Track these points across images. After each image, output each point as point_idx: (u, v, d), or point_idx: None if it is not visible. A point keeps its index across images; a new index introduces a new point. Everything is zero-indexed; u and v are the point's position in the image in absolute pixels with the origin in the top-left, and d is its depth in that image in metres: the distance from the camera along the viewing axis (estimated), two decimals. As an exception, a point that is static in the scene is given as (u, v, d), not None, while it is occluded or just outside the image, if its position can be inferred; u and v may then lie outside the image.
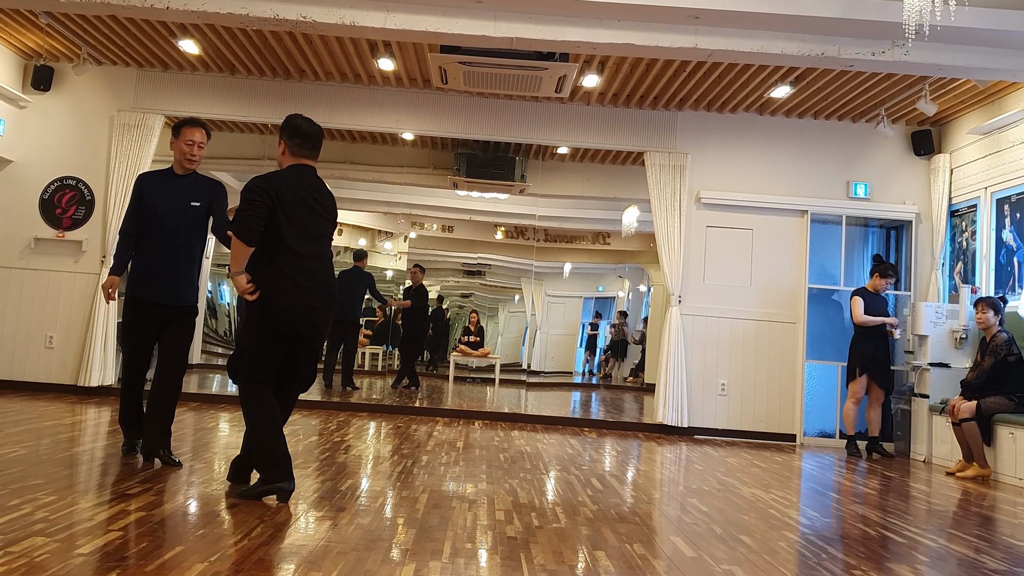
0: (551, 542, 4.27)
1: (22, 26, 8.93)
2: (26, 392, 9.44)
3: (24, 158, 10.01)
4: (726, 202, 10.14)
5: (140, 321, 5.74)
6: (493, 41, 7.43)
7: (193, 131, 5.78)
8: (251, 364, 4.89)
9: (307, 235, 4.91)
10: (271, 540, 3.95)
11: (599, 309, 24.14)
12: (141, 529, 3.97)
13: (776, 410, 9.93)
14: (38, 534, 3.74)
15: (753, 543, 4.57)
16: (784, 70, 8.73)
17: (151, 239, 5.70)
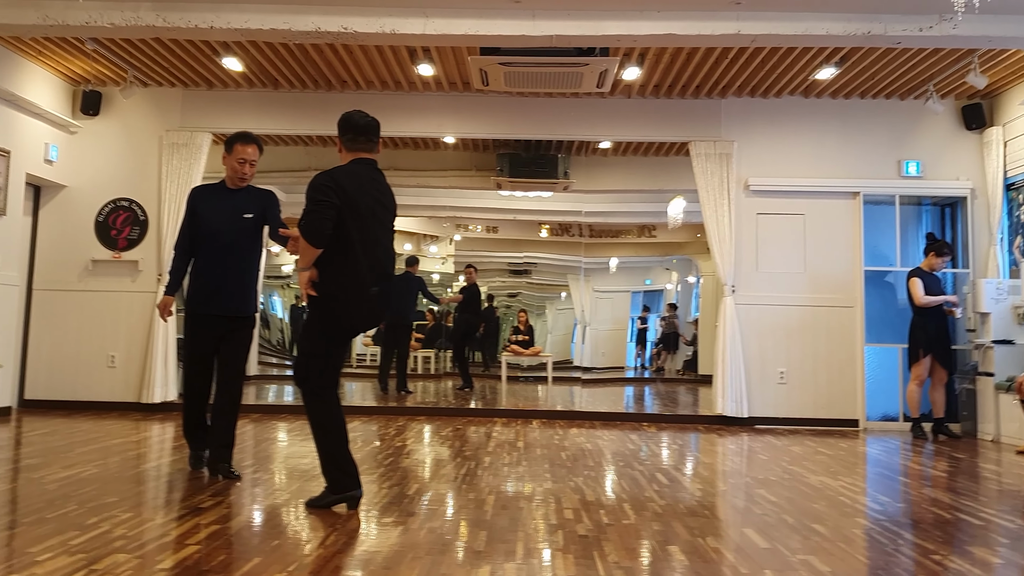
0: (623, 539, 4.26)
1: (69, 53, 9.06)
2: (91, 411, 9.58)
3: (78, 182, 10.16)
4: (775, 188, 10.03)
5: (199, 334, 5.78)
6: (533, 40, 7.42)
7: (245, 148, 5.84)
8: (322, 367, 4.87)
9: (373, 231, 4.86)
10: (345, 548, 3.97)
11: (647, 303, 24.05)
12: (217, 542, 4.00)
13: (837, 396, 9.82)
14: (119, 551, 3.79)
15: (827, 531, 4.53)
16: (829, 51, 8.63)
17: (206, 253, 5.75)
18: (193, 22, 7.15)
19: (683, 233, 17.23)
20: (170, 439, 7.63)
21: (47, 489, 5.19)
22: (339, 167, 4.91)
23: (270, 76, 9.78)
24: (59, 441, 7.26)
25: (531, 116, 10.29)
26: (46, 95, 9.60)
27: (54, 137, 9.90)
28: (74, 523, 4.30)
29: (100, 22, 7.15)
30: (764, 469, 6.65)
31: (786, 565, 3.84)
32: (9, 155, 9.03)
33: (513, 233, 18.28)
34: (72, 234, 10.10)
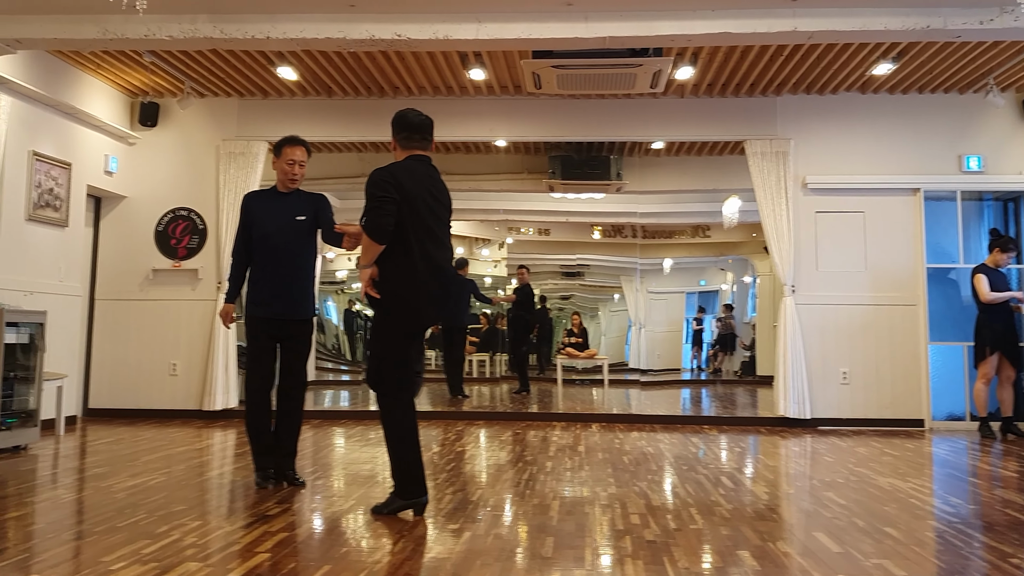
0: (692, 544, 4.23)
1: (127, 66, 9.19)
2: (154, 419, 9.71)
3: (137, 193, 10.31)
4: (834, 186, 9.91)
5: (260, 338, 5.79)
6: (586, 42, 7.39)
7: (294, 150, 5.87)
8: (392, 368, 4.84)
9: (432, 226, 4.87)
10: (413, 554, 3.98)
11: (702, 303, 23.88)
12: (286, 550, 4.03)
13: (902, 396, 9.67)
14: (190, 559, 3.83)
15: (899, 535, 4.46)
16: (886, 46, 8.52)
17: (262, 257, 5.78)
18: (250, 33, 7.21)
19: (738, 233, 17.10)
20: (232, 446, 7.71)
21: (116, 498, 5.26)
22: (396, 163, 4.94)
23: (324, 84, 9.86)
24: (125, 449, 7.37)
25: (583, 118, 10.27)
26: (105, 107, 9.75)
27: (113, 149, 10.05)
28: (145, 532, 4.35)
29: (159, 35, 7.23)
30: (830, 471, 6.57)
31: (860, 570, 3.79)
32: (70, 167, 9.18)
33: (565, 235, 18.25)
34: (132, 244, 10.25)
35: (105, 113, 9.71)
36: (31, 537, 4.24)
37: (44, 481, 5.88)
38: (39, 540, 4.17)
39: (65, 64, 8.96)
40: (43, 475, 6.12)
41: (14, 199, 8.34)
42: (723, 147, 11.58)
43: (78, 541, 4.16)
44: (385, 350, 4.88)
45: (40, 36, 7.25)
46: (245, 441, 7.97)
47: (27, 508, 4.96)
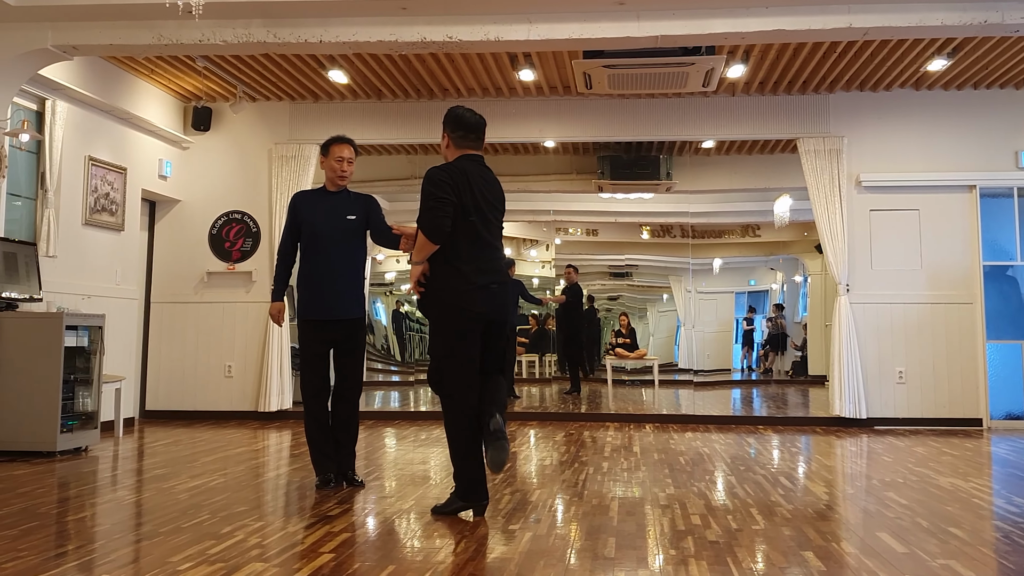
0: (755, 544, 4.21)
1: (181, 71, 9.32)
2: (211, 421, 9.85)
3: (191, 196, 10.45)
4: (888, 184, 9.82)
5: (313, 341, 5.79)
6: (637, 42, 7.37)
7: (341, 148, 5.91)
8: (450, 368, 4.85)
9: (484, 227, 4.90)
10: (476, 555, 4.00)
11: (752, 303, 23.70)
12: (350, 550, 4.07)
13: (959, 395, 9.58)
14: (256, 560, 3.88)
15: (964, 535, 4.42)
16: (941, 42, 8.43)
17: (312, 257, 5.78)
18: (303, 37, 7.28)
19: (789, 232, 16.97)
20: (288, 447, 7.79)
21: (179, 499, 5.33)
22: (451, 163, 4.97)
23: (374, 87, 9.93)
24: (183, 451, 7.47)
25: (632, 118, 10.26)
26: (159, 112, 9.89)
27: (167, 153, 10.19)
28: (209, 532, 4.42)
29: (213, 40, 7.31)
30: (889, 471, 6.52)
31: (927, 570, 3.76)
32: (126, 172, 9.33)
33: (613, 236, 18.22)
34: (187, 247, 10.39)
35: (159, 118, 9.85)
36: (98, 538, 4.31)
37: (106, 482, 5.98)
38: (106, 540, 4.24)
39: (119, 70, 9.10)
40: (104, 476, 6.22)
41: (71, 204, 8.49)
42: (775, 145, 11.49)
43: (145, 542, 4.22)
44: (440, 349, 4.91)
45: (96, 42, 7.35)
46: (301, 442, 8.06)
47: (92, 509, 5.04)
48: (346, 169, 5.90)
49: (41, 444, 7.09)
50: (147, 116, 9.56)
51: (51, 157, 8.10)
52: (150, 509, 5.03)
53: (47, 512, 4.92)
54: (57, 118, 8.17)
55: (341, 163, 5.88)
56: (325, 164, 5.96)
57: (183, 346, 10.26)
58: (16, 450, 7.12)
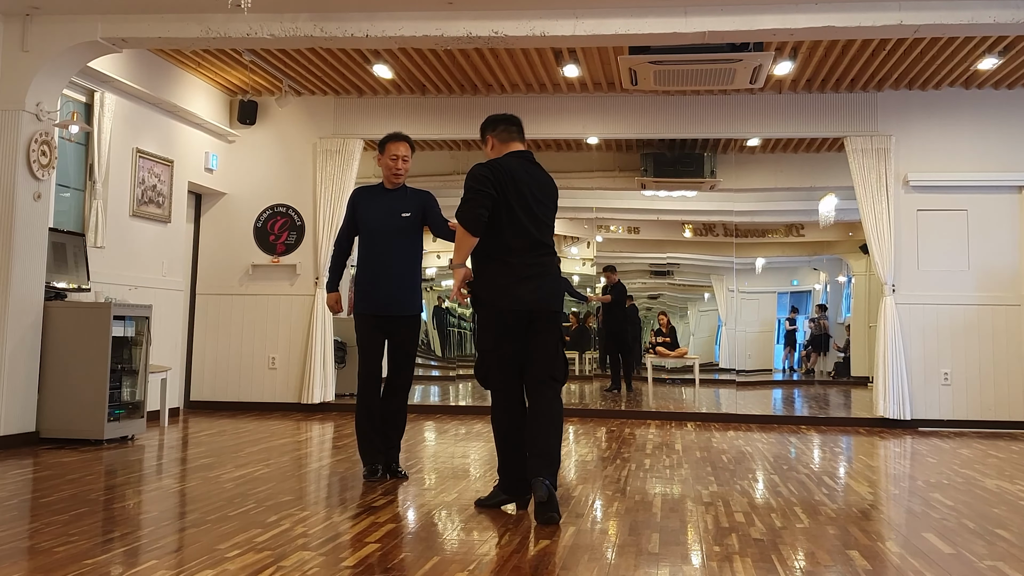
0: (799, 542, 4.21)
1: (227, 65, 9.41)
2: (254, 412, 9.95)
3: (236, 190, 10.56)
4: (936, 183, 9.73)
5: (369, 335, 5.84)
6: (684, 37, 7.35)
7: (397, 145, 5.97)
8: (494, 363, 4.88)
9: (531, 223, 4.87)
10: (520, 547, 4.03)
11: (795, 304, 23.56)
12: (395, 541, 4.11)
13: (1005, 397, 9.49)
14: (302, 548, 3.93)
15: (1012, 537, 4.39)
16: (992, 40, 8.33)
17: (368, 253, 5.87)
18: (349, 31, 7.33)
19: (833, 232, 16.84)
20: (330, 439, 7.86)
21: (225, 488, 5.40)
22: (494, 159, 4.97)
23: (418, 82, 9.97)
24: (228, 441, 7.56)
25: (677, 115, 10.23)
26: (205, 106, 10.00)
27: (213, 146, 10.30)
28: (256, 521, 4.47)
29: (260, 34, 7.38)
30: (935, 472, 6.47)
31: (975, 571, 3.74)
32: (172, 165, 9.44)
33: (655, 234, 18.17)
34: (232, 240, 10.50)
35: (205, 111, 9.96)
36: (146, 524, 4.38)
37: (152, 471, 6.07)
38: (154, 527, 4.31)
39: (167, 63, 9.21)
40: (151, 465, 6.31)
41: (119, 195, 8.61)
42: (821, 144, 11.42)
43: (192, 529, 4.28)
44: (484, 343, 4.94)
45: (145, 35, 7.44)
46: (345, 434, 8.14)
47: (139, 496, 5.12)
48: (401, 167, 5.94)
49: (89, 432, 7.21)
50: (194, 109, 9.67)
51: (99, 149, 8.22)
52: (196, 497, 5.10)
53: (96, 499, 5.00)
54: (106, 110, 8.29)
55: (396, 161, 5.94)
56: (381, 162, 6.02)
57: (228, 338, 10.37)
58: (64, 437, 7.25)
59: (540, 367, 4.85)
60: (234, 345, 10.36)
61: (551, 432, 4.72)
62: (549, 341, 4.87)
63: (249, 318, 10.37)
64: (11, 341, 7.03)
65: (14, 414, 7.06)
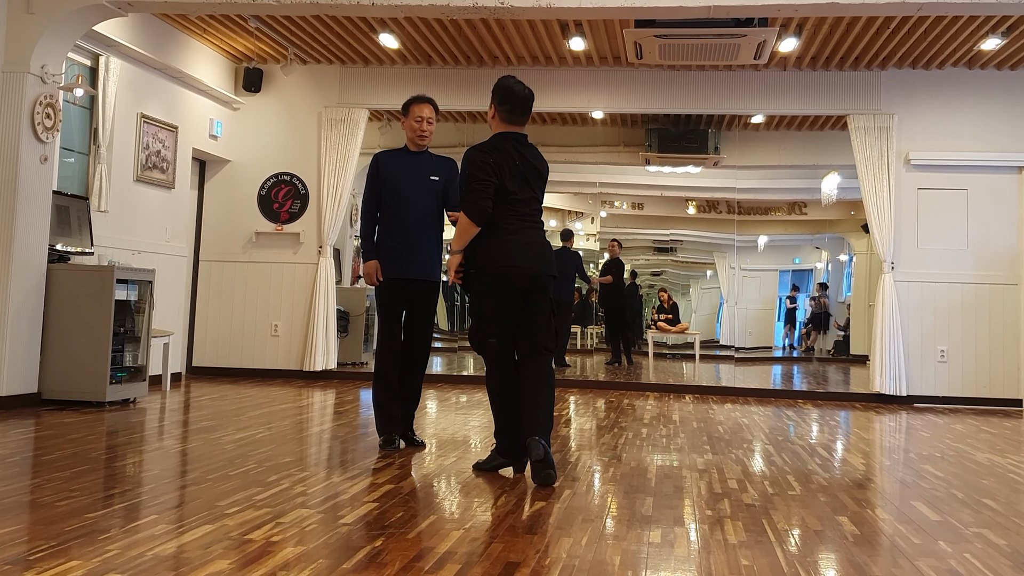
0: (791, 508, 4.27)
1: (232, 31, 9.42)
2: (257, 378, 10.01)
3: (241, 157, 10.59)
4: (937, 162, 9.76)
5: (392, 299, 5.74)
6: (690, 11, 7.33)
7: (422, 107, 5.80)
8: (487, 328, 4.92)
9: (525, 199, 4.96)
10: (516, 508, 4.09)
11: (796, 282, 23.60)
12: (393, 500, 4.17)
13: (1000, 375, 9.56)
14: (301, 506, 3.99)
15: (998, 506, 4.45)
16: (995, 20, 8.34)
17: (393, 215, 5.73)
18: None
19: (835, 211, 16.87)
20: (332, 405, 7.92)
21: (226, 449, 5.46)
22: (489, 142, 4.98)
23: (424, 52, 9.98)
24: (229, 405, 7.62)
25: (682, 90, 10.23)
26: (210, 72, 10.01)
27: (218, 113, 10.32)
28: (255, 480, 4.53)
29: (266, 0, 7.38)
30: (927, 446, 6.53)
31: (960, 537, 3.80)
32: (177, 131, 9.46)
33: (659, 210, 18.18)
34: (236, 207, 10.54)
35: (210, 78, 9.97)
36: (146, 482, 4.44)
37: (154, 432, 6.13)
38: (155, 484, 4.37)
39: (172, 28, 9.22)
40: (152, 426, 6.37)
41: (123, 160, 8.64)
42: (824, 122, 11.45)
43: (192, 487, 4.34)
44: (481, 309, 4.97)
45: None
46: (346, 400, 8.20)
47: (140, 456, 5.18)
48: (426, 129, 5.80)
49: (91, 394, 7.27)
50: (199, 76, 9.68)
51: (104, 113, 8.24)
52: (197, 457, 5.16)
53: (97, 457, 5.07)
54: (111, 75, 8.30)
55: (420, 123, 5.78)
56: (405, 124, 5.86)
57: (231, 304, 10.43)
58: (67, 399, 7.31)
59: (535, 337, 4.92)
60: (237, 312, 10.41)
61: (545, 395, 4.81)
62: (543, 310, 4.93)
63: (252, 285, 10.42)
64: (14, 303, 7.08)
65: (16, 375, 7.12)
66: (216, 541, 3.37)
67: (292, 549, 3.29)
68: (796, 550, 3.52)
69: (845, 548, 3.58)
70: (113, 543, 3.30)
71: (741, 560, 3.35)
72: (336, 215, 10.25)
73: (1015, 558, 3.51)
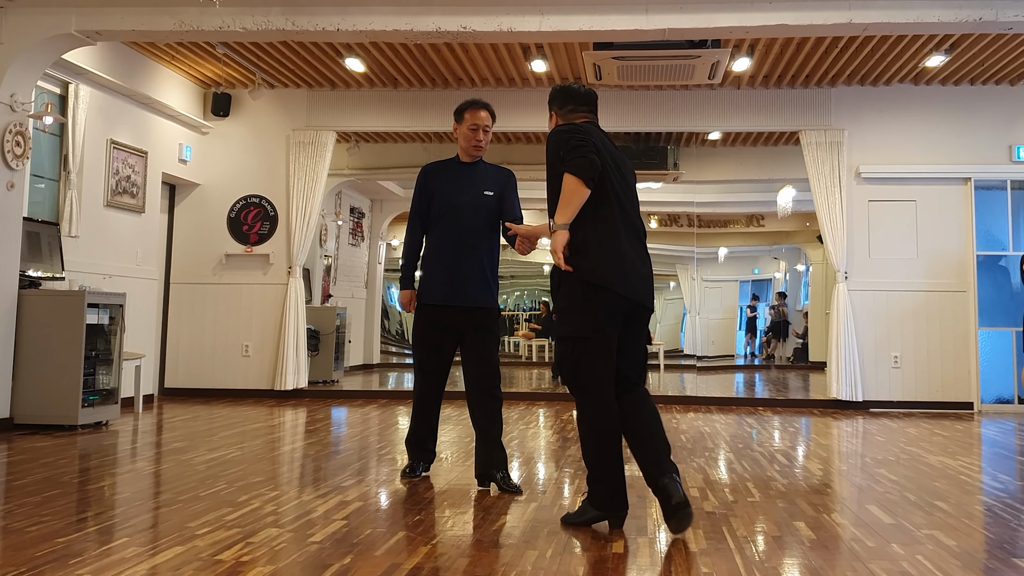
0: (750, 515, 4.29)
1: (201, 57, 9.38)
2: (228, 398, 9.95)
3: (210, 180, 10.54)
4: (887, 175, 9.90)
5: (433, 329, 5.06)
6: (646, 34, 7.41)
7: (476, 113, 5.07)
8: (593, 356, 3.95)
9: (629, 204, 4.09)
10: (483, 523, 4.08)
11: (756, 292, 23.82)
12: (362, 518, 4.15)
13: (951, 379, 9.68)
14: (271, 526, 3.96)
15: (950, 508, 4.49)
16: (939, 38, 8.47)
17: (442, 234, 5.02)
18: (321, 25, 7.33)
19: (792, 222, 17.04)
20: (303, 423, 7.88)
21: (197, 469, 5.42)
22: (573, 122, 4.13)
23: (390, 76, 9.98)
24: (201, 426, 7.56)
25: (641, 109, 10.30)
26: (179, 98, 9.96)
27: (187, 138, 10.27)
28: (226, 500, 4.50)
29: (233, 27, 7.36)
30: (882, 450, 6.59)
31: (912, 539, 3.83)
32: (146, 155, 9.40)
33: (620, 224, 18.23)
34: (206, 230, 10.49)
35: (179, 103, 9.93)
36: (118, 504, 4.40)
37: (126, 454, 6.07)
38: (126, 507, 4.32)
39: (141, 56, 9.17)
40: (124, 448, 6.31)
41: (93, 185, 8.58)
42: (778, 137, 11.56)
43: (164, 508, 4.30)
44: (580, 331, 3.97)
45: (119, 28, 7.38)
46: (317, 419, 8.18)
47: (112, 479, 5.13)
48: (482, 138, 5.05)
49: (63, 418, 7.19)
50: (168, 101, 9.63)
51: (74, 140, 8.18)
52: (169, 479, 5.11)
53: (69, 481, 5.01)
54: (80, 102, 8.25)
55: (476, 132, 5.06)
56: (458, 132, 5.13)
57: (202, 326, 10.36)
58: (39, 423, 7.22)
59: (639, 367, 4.15)
60: (208, 333, 10.35)
61: (661, 429, 4.06)
62: (643, 337, 4.17)
63: (223, 307, 10.36)
64: (-12, 328, 7.00)
65: (-9, 399, 7.04)
66: (187, 563, 3.34)
67: (262, 569, 3.27)
68: (755, 556, 3.53)
69: (802, 553, 3.60)
70: (84, 567, 3.26)
71: (702, 568, 3.37)
72: (305, 236, 10.23)
73: (964, 559, 3.54)
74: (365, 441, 6.75)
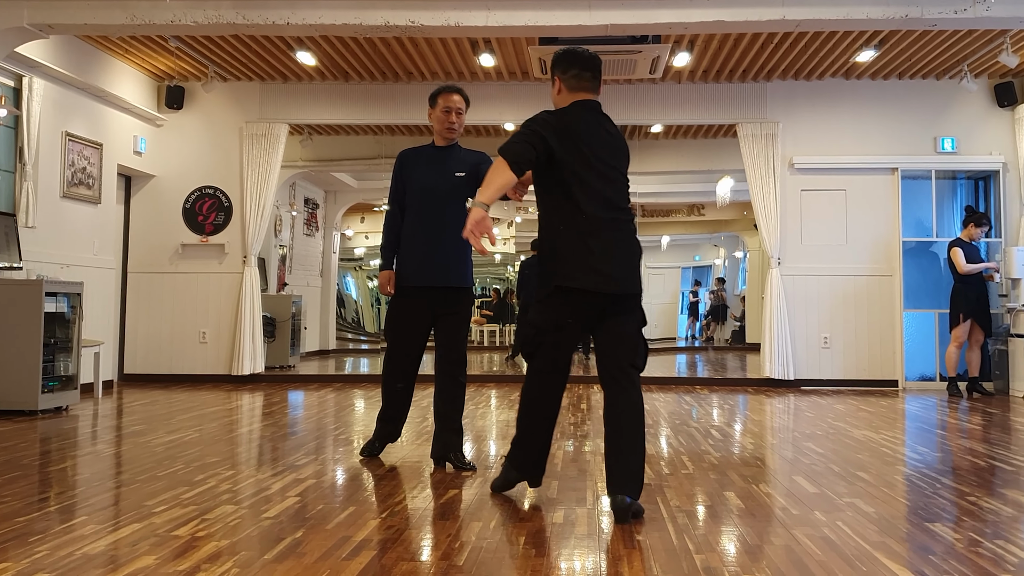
0: (683, 486, 4.40)
1: (154, 51, 9.30)
2: (186, 384, 9.91)
3: (165, 172, 10.46)
4: (819, 166, 10.07)
5: (408, 310, 5.05)
6: (589, 30, 7.48)
7: (449, 96, 5.07)
8: (553, 344, 3.95)
9: (604, 185, 3.90)
10: (432, 497, 4.14)
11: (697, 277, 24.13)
12: (315, 495, 4.20)
13: (878, 358, 9.90)
14: (226, 503, 4.00)
15: (870, 478, 4.63)
16: (868, 34, 8.63)
17: (417, 216, 5.03)
18: (271, 19, 7.31)
19: (730, 211, 17.27)
20: (260, 407, 7.88)
21: (155, 451, 5.43)
22: (564, 108, 4.03)
23: (341, 69, 9.97)
24: (160, 410, 7.55)
25: (585, 102, 10.35)
26: (133, 91, 9.88)
27: (142, 130, 10.18)
28: (183, 480, 4.52)
29: (184, 20, 7.32)
30: (810, 425, 6.74)
31: (833, 507, 3.96)
32: (101, 148, 9.32)
33: (568, 214, 18.34)
34: (162, 220, 10.41)
35: (133, 96, 9.84)
36: (77, 485, 4.40)
37: (86, 437, 6.05)
38: (85, 488, 4.33)
39: (94, 49, 9.08)
40: (84, 433, 6.28)
41: (49, 177, 8.49)
42: (717, 130, 11.72)
43: (122, 488, 4.32)
44: (545, 323, 3.94)
45: (71, 21, 7.31)
46: (273, 402, 8.18)
47: (72, 461, 5.12)
48: (455, 120, 5.06)
49: (23, 403, 7.14)
50: (122, 94, 9.54)
51: (29, 132, 8.09)
52: (128, 460, 5.11)
53: (29, 463, 4.99)
54: (34, 95, 8.15)
55: (449, 114, 5.06)
56: (433, 116, 5.13)
57: (160, 313, 10.30)
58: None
59: (620, 353, 3.93)
60: (166, 320, 10.29)
61: (636, 438, 3.84)
62: (630, 323, 3.95)
63: (180, 295, 10.31)
64: (-54, 316, 6.93)
65: (-50, 386, 6.97)
66: (143, 538, 3.37)
67: (216, 543, 3.31)
68: (687, 525, 3.64)
69: (731, 521, 3.71)
70: (43, 544, 3.28)
71: (636, 536, 3.46)
72: (260, 226, 10.20)
73: (881, 524, 3.67)
74: (321, 423, 6.79)
